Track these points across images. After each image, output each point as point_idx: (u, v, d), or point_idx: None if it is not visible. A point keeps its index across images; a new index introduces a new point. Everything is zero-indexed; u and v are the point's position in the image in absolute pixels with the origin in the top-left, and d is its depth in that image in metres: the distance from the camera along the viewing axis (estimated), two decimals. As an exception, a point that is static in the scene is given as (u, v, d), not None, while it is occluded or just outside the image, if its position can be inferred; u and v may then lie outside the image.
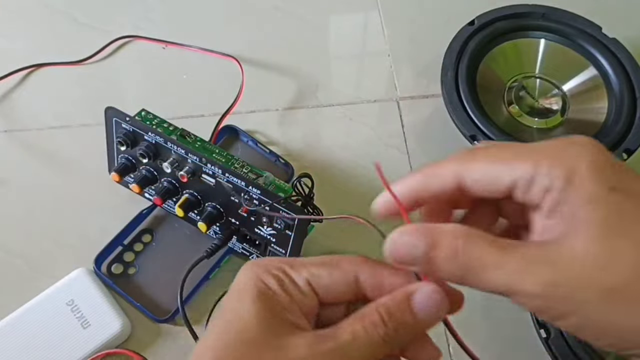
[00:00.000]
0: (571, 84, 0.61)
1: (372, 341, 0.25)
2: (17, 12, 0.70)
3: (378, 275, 0.27)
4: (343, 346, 0.25)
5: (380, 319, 0.25)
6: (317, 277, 0.27)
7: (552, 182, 0.24)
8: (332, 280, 0.27)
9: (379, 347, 0.25)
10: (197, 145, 0.49)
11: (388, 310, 0.26)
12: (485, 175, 0.25)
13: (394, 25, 0.71)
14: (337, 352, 0.24)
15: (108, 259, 0.53)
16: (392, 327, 0.25)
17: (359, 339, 0.25)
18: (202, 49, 0.67)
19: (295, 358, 0.24)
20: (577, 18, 0.62)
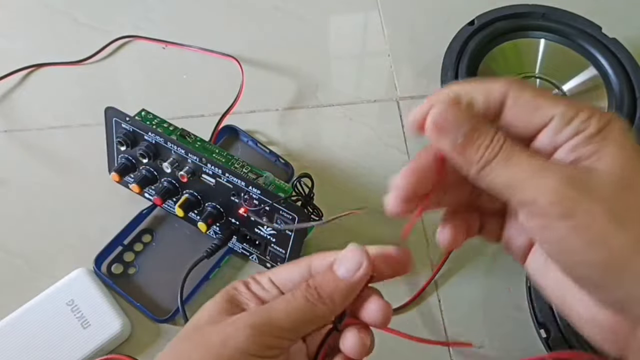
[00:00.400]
0: (571, 84, 0.61)
1: (294, 299, 0.28)
2: (17, 12, 0.70)
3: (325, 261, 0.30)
4: (267, 306, 0.28)
5: (306, 284, 0.28)
6: (277, 274, 0.31)
7: (586, 128, 0.25)
8: (288, 272, 0.30)
9: (302, 306, 0.28)
10: (197, 145, 0.49)
11: (313, 277, 0.29)
12: (529, 102, 0.26)
13: (394, 25, 0.71)
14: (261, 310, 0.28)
15: (108, 259, 0.53)
16: (313, 286, 0.28)
17: (283, 300, 0.28)
18: (202, 49, 0.67)
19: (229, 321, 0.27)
20: (577, 18, 0.62)
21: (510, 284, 0.52)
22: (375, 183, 0.59)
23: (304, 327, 0.28)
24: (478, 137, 0.26)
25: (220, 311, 0.28)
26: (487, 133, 0.26)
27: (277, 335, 0.27)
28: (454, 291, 0.53)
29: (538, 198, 0.25)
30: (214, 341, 0.27)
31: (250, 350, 0.26)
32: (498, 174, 0.26)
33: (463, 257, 0.54)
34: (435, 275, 0.53)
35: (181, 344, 0.28)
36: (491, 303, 0.52)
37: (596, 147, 0.25)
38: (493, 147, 0.26)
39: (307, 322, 0.28)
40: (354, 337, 0.29)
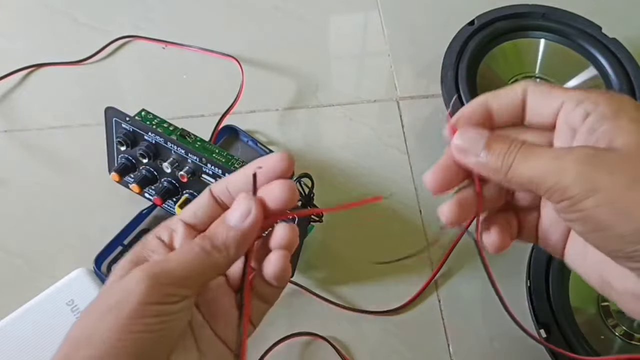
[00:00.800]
0: (571, 84, 0.61)
1: (189, 250, 0.28)
2: (17, 12, 0.70)
3: (222, 184, 0.31)
4: (160, 259, 0.28)
5: (201, 234, 0.29)
6: (185, 211, 0.31)
7: (596, 108, 0.27)
8: (195, 205, 0.31)
9: (197, 256, 0.28)
10: (197, 145, 0.49)
11: (209, 228, 0.30)
12: (544, 93, 0.29)
13: (394, 25, 0.71)
14: (153, 263, 0.28)
15: (108, 259, 0.53)
16: (207, 236, 0.29)
17: (180, 251, 0.29)
18: (202, 49, 0.67)
19: (126, 277, 0.27)
20: (577, 18, 0.62)
21: (510, 284, 0.52)
22: (375, 183, 0.59)
23: (201, 275, 0.28)
24: (496, 147, 0.28)
25: (125, 272, 0.28)
26: (503, 141, 0.28)
27: (174, 284, 0.27)
28: (454, 291, 0.53)
29: (560, 180, 0.26)
30: (112, 298, 0.27)
31: (150, 299, 0.26)
32: (522, 172, 0.27)
33: (463, 257, 0.54)
34: (435, 275, 0.53)
35: (87, 310, 0.28)
36: (491, 303, 0.52)
37: (610, 125, 0.26)
38: (511, 151, 0.28)
39: (204, 271, 0.28)
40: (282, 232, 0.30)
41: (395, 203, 0.58)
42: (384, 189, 0.58)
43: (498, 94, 0.30)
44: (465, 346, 0.51)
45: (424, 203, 0.58)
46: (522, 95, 0.29)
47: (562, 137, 0.28)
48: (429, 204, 0.58)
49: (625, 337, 0.49)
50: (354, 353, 0.50)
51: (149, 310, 0.26)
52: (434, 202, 0.58)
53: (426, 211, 0.58)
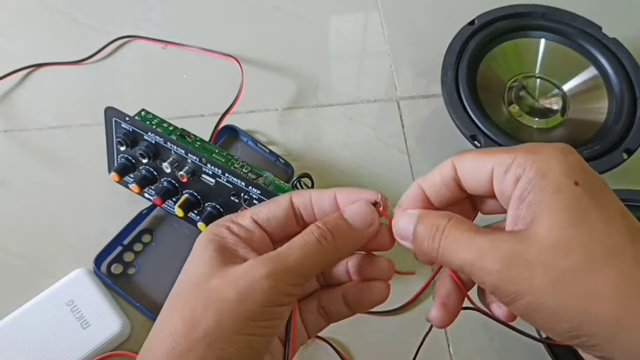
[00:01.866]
0: (571, 84, 0.61)
1: (308, 242, 0.28)
2: (17, 12, 0.70)
3: (306, 197, 0.30)
4: (281, 251, 0.27)
5: (316, 225, 0.28)
6: (258, 212, 0.30)
7: (524, 172, 0.26)
8: (270, 211, 0.30)
9: (316, 248, 0.28)
10: (197, 145, 0.49)
11: (323, 219, 0.29)
12: (472, 163, 0.28)
13: (394, 25, 0.71)
14: (276, 255, 0.27)
15: (108, 259, 0.53)
16: (325, 228, 0.28)
17: (296, 243, 0.28)
18: (202, 49, 0.67)
19: (239, 271, 0.26)
20: (577, 18, 0.62)
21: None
22: (376, 183, 0.59)
23: (315, 270, 0.28)
24: (421, 231, 0.28)
25: (216, 263, 0.27)
26: (428, 222, 0.28)
27: (293, 283, 0.27)
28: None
29: (486, 281, 0.26)
30: (228, 297, 0.26)
31: (270, 302, 0.26)
32: (450, 260, 0.27)
33: (463, 257, 0.54)
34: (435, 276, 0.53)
35: (185, 302, 0.27)
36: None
37: (536, 197, 0.25)
38: (434, 236, 0.27)
39: (318, 266, 0.28)
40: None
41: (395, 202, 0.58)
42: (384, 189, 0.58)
43: (430, 177, 0.29)
44: (465, 346, 0.51)
45: (424, 203, 0.58)
46: (450, 172, 0.29)
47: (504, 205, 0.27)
48: (429, 204, 0.58)
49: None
50: (353, 353, 0.49)
51: (268, 313, 0.26)
52: (434, 202, 0.58)
53: (426, 211, 0.57)
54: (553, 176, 0.25)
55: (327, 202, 0.30)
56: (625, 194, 0.52)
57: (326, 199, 0.30)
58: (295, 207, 0.30)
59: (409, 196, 0.30)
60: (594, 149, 0.55)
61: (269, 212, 0.30)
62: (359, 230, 0.29)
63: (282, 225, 0.30)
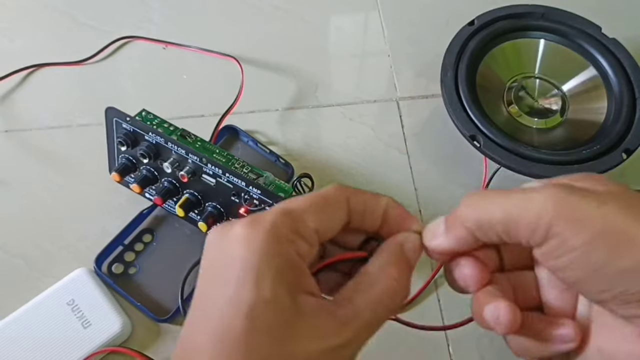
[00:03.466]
0: (571, 84, 0.61)
1: (389, 310, 0.27)
2: (17, 12, 0.70)
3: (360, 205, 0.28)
4: (359, 315, 0.25)
5: (396, 283, 0.28)
6: (321, 223, 0.26)
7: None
8: (331, 220, 0.27)
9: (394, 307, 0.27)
10: (198, 145, 0.49)
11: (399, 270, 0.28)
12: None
13: (394, 25, 0.71)
14: (357, 330, 0.25)
15: (108, 259, 0.53)
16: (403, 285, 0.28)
17: (377, 312, 0.26)
18: (202, 49, 0.67)
19: (321, 349, 0.23)
20: (577, 18, 0.62)
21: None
22: (375, 183, 0.59)
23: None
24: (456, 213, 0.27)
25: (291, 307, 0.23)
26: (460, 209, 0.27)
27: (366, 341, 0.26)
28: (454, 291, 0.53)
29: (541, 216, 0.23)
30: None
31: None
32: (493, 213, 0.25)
33: (463, 257, 0.54)
34: (435, 275, 0.53)
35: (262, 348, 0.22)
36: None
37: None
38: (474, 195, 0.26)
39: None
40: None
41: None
42: (384, 189, 0.58)
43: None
44: (465, 346, 0.51)
45: (424, 203, 0.58)
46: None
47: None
48: (429, 204, 0.58)
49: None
50: (354, 353, 0.49)
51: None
52: (434, 202, 0.58)
53: (426, 211, 0.58)
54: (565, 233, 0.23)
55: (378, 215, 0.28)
56: (624, 194, 0.52)
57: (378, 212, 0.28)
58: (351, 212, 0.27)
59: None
60: (593, 149, 0.55)
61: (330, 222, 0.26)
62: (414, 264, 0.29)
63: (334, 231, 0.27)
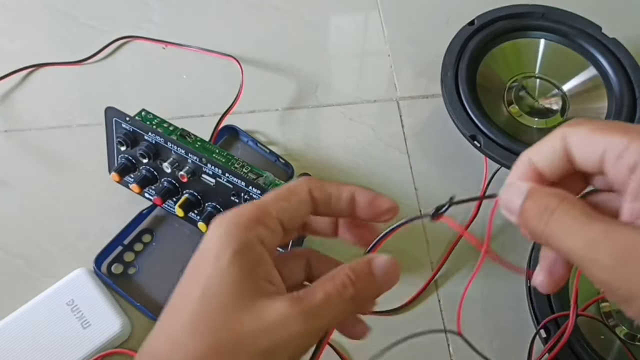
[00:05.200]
0: (571, 84, 0.61)
1: (343, 300, 0.26)
2: (17, 12, 0.70)
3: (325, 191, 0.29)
4: (317, 306, 0.26)
5: (349, 280, 0.27)
6: (283, 211, 0.28)
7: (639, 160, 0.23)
8: (294, 208, 0.28)
9: (348, 307, 0.27)
10: (197, 145, 0.49)
11: (355, 273, 0.27)
12: (583, 140, 0.26)
13: (394, 25, 0.71)
14: (312, 312, 0.26)
15: (108, 259, 0.53)
16: (359, 287, 0.27)
17: (331, 299, 0.26)
18: (202, 49, 0.67)
19: (274, 320, 0.25)
20: (577, 18, 0.62)
21: (511, 284, 0.52)
22: (376, 183, 0.59)
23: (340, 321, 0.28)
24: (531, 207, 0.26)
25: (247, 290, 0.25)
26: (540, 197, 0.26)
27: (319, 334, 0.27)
28: (454, 291, 0.53)
29: (594, 276, 0.23)
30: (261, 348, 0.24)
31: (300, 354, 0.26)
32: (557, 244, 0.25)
33: (463, 257, 0.54)
34: (435, 275, 0.53)
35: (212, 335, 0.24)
36: (491, 303, 0.52)
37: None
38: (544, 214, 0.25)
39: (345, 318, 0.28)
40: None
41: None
42: (384, 189, 0.58)
43: (538, 149, 0.27)
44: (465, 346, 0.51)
45: (424, 203, 0.58)
46: (561, 144, 0.26)
47: (617, 188, 0.25)
48: (429, 204, 0.58)
49: (627, 337, 0.49)
50: (353, 354, 0.49)
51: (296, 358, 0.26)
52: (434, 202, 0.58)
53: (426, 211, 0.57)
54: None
55: (345, 201, 0.29)
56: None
57: (345, 198, 0.29)
58: (315, 201, 0.29)
59: (518, 168, 0.28)
60: (593, 149, 0.55)
61: (293, 210, 0.28)
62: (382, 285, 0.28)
63: (300, 221, 0.29)
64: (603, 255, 0.23)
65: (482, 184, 0.57)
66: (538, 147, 0.27)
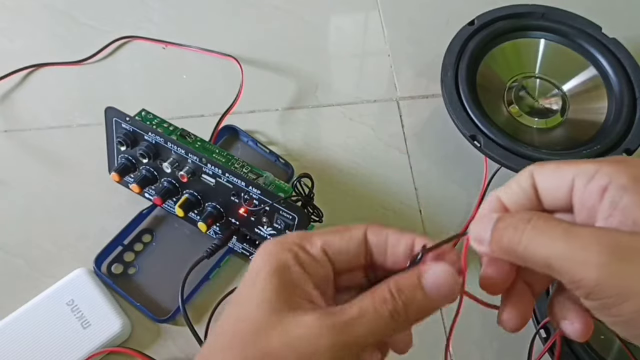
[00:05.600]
0: (571, 84, 0.61)
1: (380, 316, 0.25)
2: (17, 12, 0.70)
3: (383, 234, 0.28)
4: (349, 320, 0.25)
5: (390, 294, 0.25)
6: (330, 243, 0.28)
7: (612, 179, 0.24)
8: (343, 243, 0.28)
9: (386, 323, 0.25)
10: (197, 145, 0.49)
11: (398, 286, 0.26)
12: (552, 173, 0.26)
13: (394, 25, 0.71)
14: (343, 326, 0.24)
15: (108, 259, 0.53)
16: (401, 303, 0.25)
17: (366, 314, 0.25)
18: (202, 49, 0.67)
19: (302, 334, 0.24)
20: (577, 18, 0.62)
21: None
22: (376, 183, 0.59)
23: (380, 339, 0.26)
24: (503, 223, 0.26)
25: (279, 306, 0.25)
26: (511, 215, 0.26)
27: (356, 353, 0.25)
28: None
29: (585, 276, 0.23)
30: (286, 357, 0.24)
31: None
32: (535, 251, 0.24)
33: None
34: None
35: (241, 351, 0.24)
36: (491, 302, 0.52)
37: (632, 198, 0.23)
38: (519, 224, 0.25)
39: (385, 336, 0.26)
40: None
41: (395, 203, 0.58)
42: (384, 188, 0.58)
43: (507, 188, 0.28)
44: (465, 346, 0.51)
45: (424, 203, 0.58)
46: (529, 182, 0.27)
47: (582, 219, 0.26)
48: (429, 204, 0.58)
49: (625, 337, 0.49)
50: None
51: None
52: (434, 202, 0.58)
53: (426, 211, 0.58)
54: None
55: (403, 248, 0.28)
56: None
57: (403, 246, 0.28)
58: (369, 244, 0.28)
59: (487, 207, 0.28)
60: (593, 149, 0.55)
61: (342, 245, 0.28)
62: (436, 303, 0.26)
63: (350, 260, 0.28)
64: (594, 253, 0.23)
65: (482, 184, 0.57)
66: (506, 187, 0.28)
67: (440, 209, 0.57)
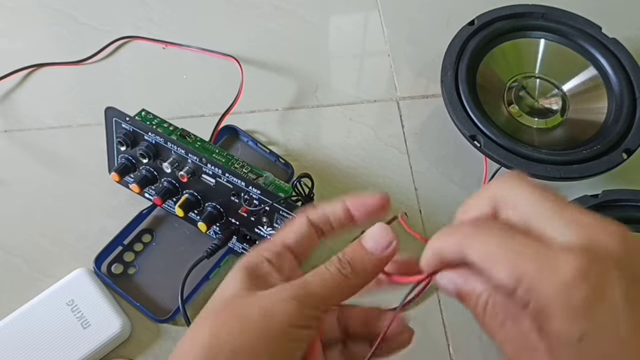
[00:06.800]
0: (571, 84, 0.61)
1: (330, 274, 0.29)
2: (17, 12, 0.70)
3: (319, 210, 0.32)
4: (306, 278, 0.29)
5: (337, 257, 0.30)
6: (285, 236, 0.31)
7: (529, 302, 0.25)
8: (295, 232, 0.32)
9: (334, 278, 0.29)
10: (197, 145, 0.49)
11: (344, 251, 0.30)
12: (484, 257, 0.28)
13: (394, 25, 0.71)
14: (301, 282, 0.28)
15: (108, 259, 0.53)
16: (345, 260, 0.29)
17: (318, 272, 0.29)
18: (202, 49, 0.67)
19: (266, 292, 0.28)
20: (577, 18, 0.62)
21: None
22: (375, 183, 0.59)
23: (337, 297, 0.29)
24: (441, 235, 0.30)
25: (247, 286, 0.29)
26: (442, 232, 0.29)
27: (316, 307, 0.28)
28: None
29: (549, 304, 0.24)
30: (254, 315, 0.27)
31: (295, 322, 0.27)
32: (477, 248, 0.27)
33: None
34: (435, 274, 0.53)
35: (214, 317, 0.28)
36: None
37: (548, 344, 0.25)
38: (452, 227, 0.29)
39: (340, 293, 0.29)
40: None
41: (395, 203, 0.58)
42: (384, 189, 0.58)
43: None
44: (465, 346, 0.51)
45: (424, 203, 0.58)
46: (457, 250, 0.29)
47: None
48: (429, 204, 0.58)
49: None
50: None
51: (290, 333, 0.27)
52: (434, 202, 0.58)
53: (426, 211, 0.58)
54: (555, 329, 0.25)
55: (340, 211, 0.32)
56: (625, 194, 0.52)
57: (339, 209, 0.32)
58: (314, 223, 0.32)
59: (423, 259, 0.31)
60: (593, 149, 0.55)
61: (295, 233, 0.31)
62: (377, 255, 0.30)
63: (308, 244, 0.32)
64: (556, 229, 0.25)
65: (482, 184, 0.57)
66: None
67: (440, 209, 0.57)
